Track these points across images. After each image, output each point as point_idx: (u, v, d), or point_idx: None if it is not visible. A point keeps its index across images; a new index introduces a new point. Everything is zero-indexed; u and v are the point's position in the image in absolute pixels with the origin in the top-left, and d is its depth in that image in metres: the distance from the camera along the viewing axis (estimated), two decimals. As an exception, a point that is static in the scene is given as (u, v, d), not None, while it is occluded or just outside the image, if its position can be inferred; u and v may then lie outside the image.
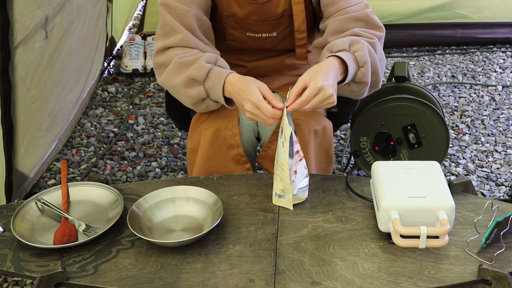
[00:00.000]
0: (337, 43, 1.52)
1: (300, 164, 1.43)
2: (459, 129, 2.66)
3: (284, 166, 1.40)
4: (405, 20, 3.46)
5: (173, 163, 2.45)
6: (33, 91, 2.07)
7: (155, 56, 1.60)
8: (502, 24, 3.47)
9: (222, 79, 1.48)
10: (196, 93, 1.53)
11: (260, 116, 1.41)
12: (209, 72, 1.50)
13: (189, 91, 1.53)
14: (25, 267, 1.30)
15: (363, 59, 1.49)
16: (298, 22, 1.66)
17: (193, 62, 1.51)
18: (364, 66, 1.50)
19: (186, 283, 1.24)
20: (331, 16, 1.61)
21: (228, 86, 1.48)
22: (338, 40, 1.53)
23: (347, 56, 1.47)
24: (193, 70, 1.50)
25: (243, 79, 1.46)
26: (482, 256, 1.28)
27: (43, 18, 2.09)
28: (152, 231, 1.39)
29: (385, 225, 1.31)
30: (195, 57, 1.52)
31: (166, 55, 1.57)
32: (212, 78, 1.50)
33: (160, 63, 1.58)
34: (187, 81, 1.52)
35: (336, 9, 1.61)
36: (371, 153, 2.18)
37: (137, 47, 3.27)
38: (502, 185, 2.28)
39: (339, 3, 1.60)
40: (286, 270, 1.27)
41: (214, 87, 1.50)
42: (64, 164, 1.59)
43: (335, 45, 1.51)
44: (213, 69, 1.50)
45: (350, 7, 1.60)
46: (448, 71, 3.24)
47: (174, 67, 1.53)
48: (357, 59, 1.49)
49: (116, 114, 2.85)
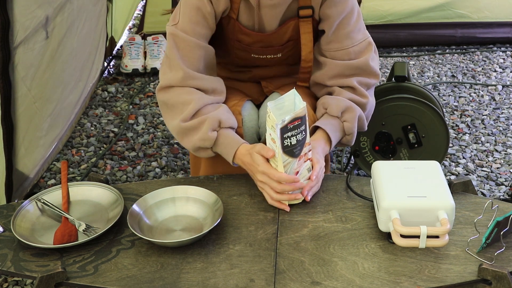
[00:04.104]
0: (332, 106, 1.60)
1: (304, 166, 1.43)
2: (459, 128, 2.66)
3: (278, 163, 1.40)
4: (405, 20, 3.46)
5: (173, 163, 2.45)
6: (33, 91, 2.07)
7: (158, 92, 1.61)
8: (502, 23, 3.47)
9: (232, 153, 1.52)
10: (205, 155, 1.60)
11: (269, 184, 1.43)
12: (216, 142, 1.54)
13: (198, 153, 1.60)
14: (25, 267, 1.30)
15: (350, 130, 1.61)
16: (305, 52, 1.67)
17: (197, 129, 1.54)
18: (350, 135, 1.63)
19: (186, 283, 1.24)
20: (332, 55, 1.64)
21: (238, 161, 1.53)
22: (334, 102, 1.61)
23: (334, 128, 1.59)
24: (199, 141, 1.54)
25: (247, 155, 1.49)
26: (482, 255, 1.28)
27: (43, 18, 2.09)
28: (152, 231, 1.39)
29: (385, 225, 1.31)
30: (199, 122, 1.53)
31: (168, 95, 1.59)
32: (220, 148, 1.55)
33: (162, 101, 1.61)
34: (195, 148, 1.57)
35: (340, 48, 1.63)
36: (371, 153, 2.18)
37: (137, 47, 3.27)
38: (502, 184, 2.28)
39: (343, 42, 1.62)
40: (286, 270, 1.27)
41: (223, 154, 1.56)
42: (64, 164, 1.59)
43: (330, 108, 1.60)
44: (219, 138, 1.54)
45: (353, 47, 1.62)
46: (448, 70, 3.24)
47: (179, 131, 1.57)
48: (344, 129, 1.61)
49: (116, 114, 2.85)
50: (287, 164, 1.40)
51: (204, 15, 1.56)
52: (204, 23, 1.57)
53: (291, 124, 1.34)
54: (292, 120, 1.34)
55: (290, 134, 1.35)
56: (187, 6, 1.56)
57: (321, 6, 1.61)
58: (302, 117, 1.37)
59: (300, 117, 1.36)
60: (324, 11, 1.61)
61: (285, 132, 1.35)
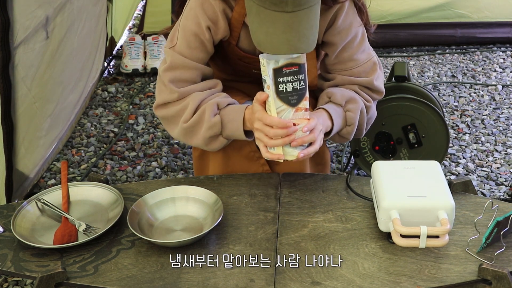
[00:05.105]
0: (337, 95, 1.58)
1: (300, 115, 1.40)
2: (459, 128, 2.66)
3: (271, 108, 1.38)
4: (405, 20, 3.46)
5: (173, 163, 2.45)
6: (34, 91, 2.07)
7: (156, 109, 1.61)
8: (502, 23, 3.47)
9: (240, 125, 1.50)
10: (218, 145, 1.57)
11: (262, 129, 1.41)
12: (222, 125, 1.52)
13: (211, 146, 1.57)
14: (25, 267, 1.30)
15: (352, 120, 1.59)
16: (310, 78, 1.65)
17: (200, 121, 1.52)
18: (351, 126, 1.60)
19: (186, 283, 1.24)
20: (337, 73, 1.64)
21: (248, 126, 1.50)
22: (338, 92, 1.59)
23: (337, 113, 1.55)
24: (207, 131, 1.52)
25: (249, 110, 1.48)
26: (482, 255, 1.28)
27: (43, 18, 2.09)
28: (152, 231, 1.39)
29: (385, 225, 1.31)
30: (199, 115, 1.52)
31: (166, 110, 1.58)
32: (228, 127, 1.52)
33: (162, 116, 1.61)
34: (205, 141, 1.55)
35: (344, 69, 1.63)
36: (371, 153, 2.18)
37: (137, 47, 3.27)
38: (502, 184, 2.28)
39: (347, 64, 1.62)
40: (286, 270, 1.27)
41: (234, 134, 1.53)
42: (64, 164, 1.59)
43: (333, 96, 1.58)
44: (223, 119, 1.51)
45: (357, 68, 1.62)
46: (448, 70, 3.23)
47: (184, 133, 1.56)
48: (346, 118, 1.58)
49: (116, 114, 2.85)
50: (281, 111, 1.38)
51: (202, 41, 1.55)
52: (202, 48, 1.56)
53: (287, 69, 1.33)
54: (288, 65, 1.33)
55: (286, 80, 1.34)
56: (186, 31, 1.55)
57: (325, 33, 1.60)
58: (300, 65, 1.34)
59: (298, 64, 1.34)
60: (328, 38, 1.60)
61: (279, 75, 1.33)
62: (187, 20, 1.55)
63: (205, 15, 1.52)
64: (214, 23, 1.53)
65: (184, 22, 1.55)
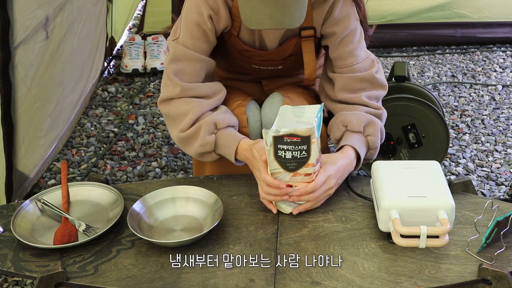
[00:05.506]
0: (353, 123, 1.56)
1: (299, 180, 1.39)
2: (459, 128, 2.66)
3: (268, 167, 1.39)
4: (405, 20, 3.46)
5: (173, 163, 2.45)
6: (34, 91, 2.07)
7: (160, 104, 1.62)
8: (502, 23, 3.47)
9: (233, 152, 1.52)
10: (210, 159, 1.59)
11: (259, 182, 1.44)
12: (216, 144, 1.54)
13: (203, 159, 1.59)
14: (25, 267, 1.30)
15: (374, 144, 1.57)
16: (309, 71, 1.67)
17: (195, 136, 1.54)
18: (374, 149, 1.59)
19: (186, 283, 1.24)
20: (338, 71, 1.63)
21: (240, 157, 1.52)
22: (354, 118, 1.56)
23: (360, 143, 1.54)
24: (200, 147, 1.54)
25: (249, 151, 1.49)
26: (482, 255, 1.28)
27: (43, 18, 2.09)
28: (152, 231, 1.39)
29: (385, 225, 1.31)
30: (196, 129, 1.53)
31: (169, 107, 1.59)
32: (221, 149, 1.55)
33: (164, 113, 1.62)
34: (197, 154, 1.57)
35: (344, 65, 1.62)
36: (371, 153, 2.18)
37: (137, 47, 3.27)
38: (502, 184, 2.28)
39: (348, 59, 1.61)
40: (286, 270, 1.27)
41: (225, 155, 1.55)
42: (64, 164, 1.59)
43: (350, 124, 1.56)
44: (218, 140, 1.53)
45: (357, 64, 1.62)
46: (448, 70, 3.23)
47: (179, 141, 1.58)
48: (369, 143, 1.57)
49: (116, 114, 2.85)
50: (276, 173, 1.38)
51: (205, 31, 1.55)
52: (205, 38, 1.56)
53: (288, 138, 1.32)
54: (290, 135, 1.31)
55: (285, 148, 1.33)
56: (188, 22, 1.55)
57: (323, 25, 1.60)
58: (304, 138, 1.32)
59: (301, 136, 1.31)
60: (326, 30, 1.60)
61: (279, 142, 1.33)
62: (189, 11, 1.56)
63: (207, 4, 1.53)
64: (215, 12, 1.54)
65: (186, 13, 1.56)
